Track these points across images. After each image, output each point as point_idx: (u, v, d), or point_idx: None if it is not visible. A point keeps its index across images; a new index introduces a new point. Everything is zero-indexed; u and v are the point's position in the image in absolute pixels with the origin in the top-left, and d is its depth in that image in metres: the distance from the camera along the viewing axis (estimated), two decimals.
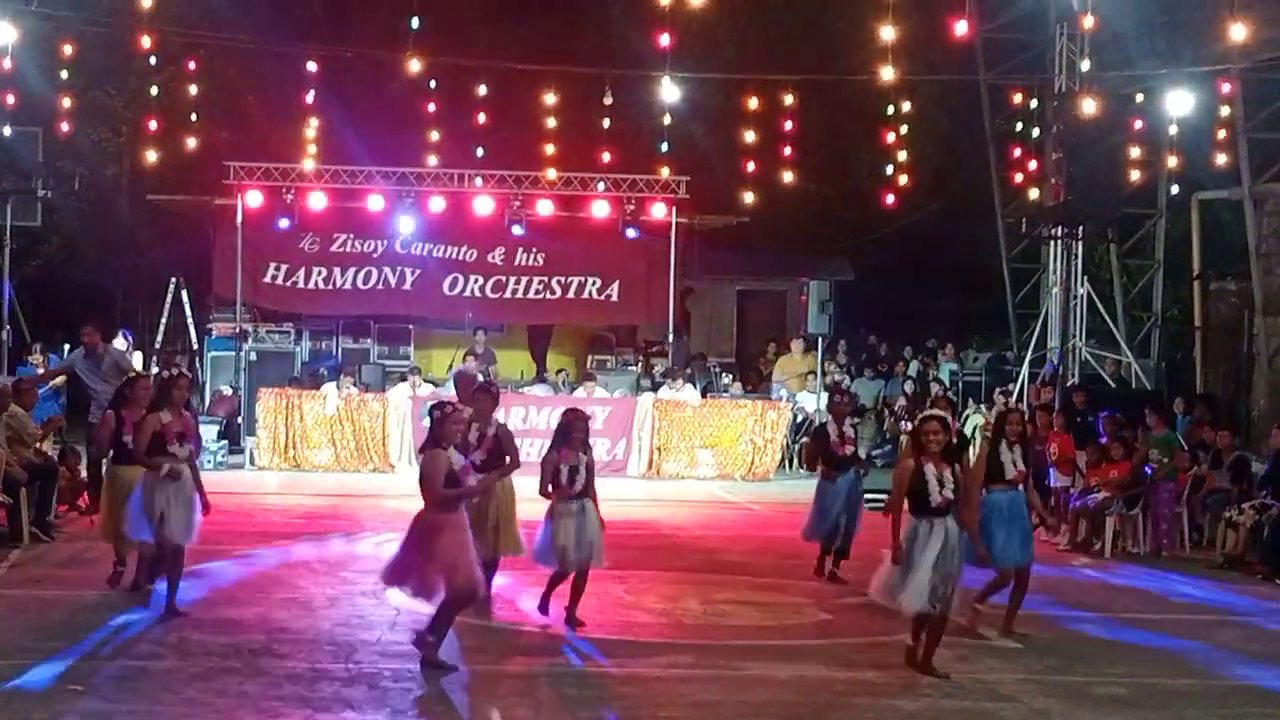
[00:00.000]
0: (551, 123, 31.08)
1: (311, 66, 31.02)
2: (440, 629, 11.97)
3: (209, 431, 25.33)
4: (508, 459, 14.14)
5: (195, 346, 29.82)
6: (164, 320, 29.95)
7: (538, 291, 30.81)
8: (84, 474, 19.93)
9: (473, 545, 12.03)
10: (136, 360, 24.22)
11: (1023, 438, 14.33)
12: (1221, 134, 28.53)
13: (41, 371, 23.45)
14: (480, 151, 32.22)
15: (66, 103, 29.04)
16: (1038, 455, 17.42)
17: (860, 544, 16.52)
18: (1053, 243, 30.19)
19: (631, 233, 29.90)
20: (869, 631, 13.95)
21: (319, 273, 30.07)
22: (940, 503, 12.03)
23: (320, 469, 26.33)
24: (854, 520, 16.77)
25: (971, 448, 25.88)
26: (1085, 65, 29.44)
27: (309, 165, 29.79)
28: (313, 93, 31.14)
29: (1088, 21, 28.37)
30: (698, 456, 27.34)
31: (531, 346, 30.51)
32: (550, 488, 13.61)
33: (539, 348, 30.91)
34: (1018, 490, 14.08)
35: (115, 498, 14.55)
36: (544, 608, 13.90)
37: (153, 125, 30.78)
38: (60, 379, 21.76)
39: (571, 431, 13.76)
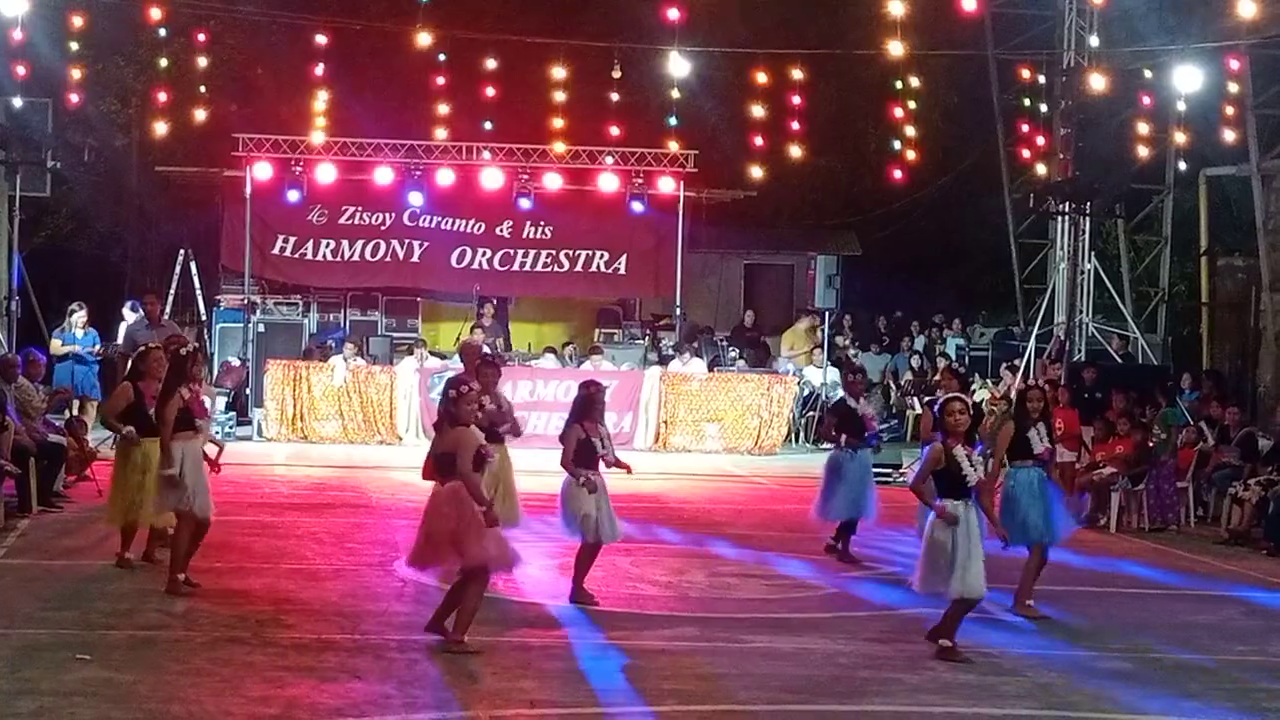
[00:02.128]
0: (560, 96, 30.99)
1: (321, 39, 30.94)
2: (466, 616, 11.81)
3: (218, 403, 25.34)
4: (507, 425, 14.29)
5: (204, 318, 29.81)
6: (172, 292, 29.94)
7: (545, 264, 30.79)
8: (93, 445, 19.92)
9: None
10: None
11: (1045, 414, 14.26)
12: (1230, 110, 28.43)
13: (80, 332, 23.63)
14: (489, 125, 32.17)
15: (76, 74, 28.99)
16: None
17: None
18: (1060, 218, 30.10)
19: (639, 206, 29.85)
20: (874, 605, 13.94)
21: (327, 245, 30.06)
22: (976, 484, 11.91)
23: (327, 441, 26.31)
24: (865, 495, 16.65)
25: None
26: (1094, 40, 29.35)
27: (318, 138, 29.73)
28: (322, 65, 31.07)
29: None
30: (704, 430, 27.31)
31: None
32: (573, 460, 13.51)
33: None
34: (1042, 467, 14.03)
35: (128, 472, 14.42)
36: (575, 594, 13.67)
37: (162, 97, 30.71)
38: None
39: (594, 404, 13.69)
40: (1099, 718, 10.70)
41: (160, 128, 30.43)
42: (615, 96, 30.83)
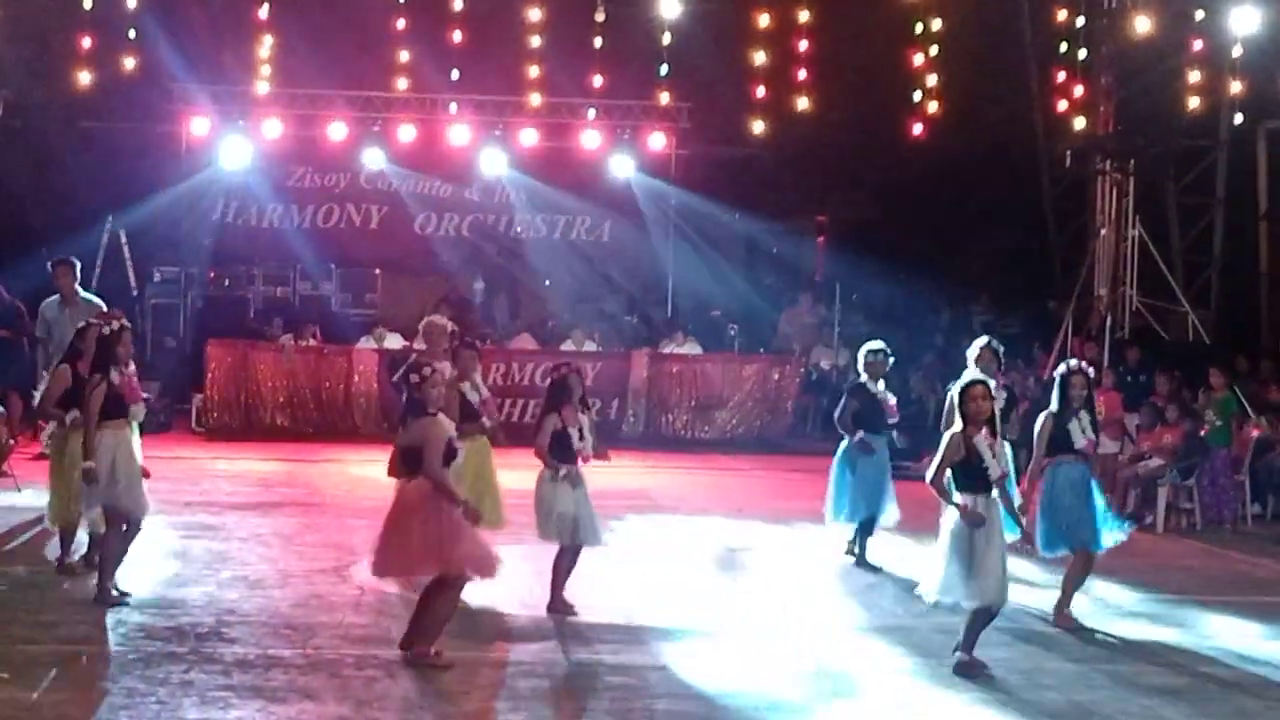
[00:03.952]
0: (536, 42, 30.94)
1: None
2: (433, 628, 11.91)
3: (150, 388, 25.32)
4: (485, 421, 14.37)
5: (135, 292, 29.77)
6: (99, 262, 29.87)
7: (520, 231, 30.79)
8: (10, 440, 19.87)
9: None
10: None
11: (1088, 402, 14.27)
12: None
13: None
14: (456, 74, 32.10)
15: None
16: None
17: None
18: (1101, 178, 30.10)
19: (626, 165, 29.83)
20: (889, 612, 13.97)
21: (274, 209, 30.07)
22: (1000, 476, 11.95)
23: (275, 430, 26.26)
24: (886, 491, 16.70)
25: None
26: None
27: (263, 89, 29.67)
28: (266, 7, 30.99)
29: None
30: (700, 417, 27.32)
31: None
32: (551, 452, 13.53)
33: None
34: (1087, 463, 14.07)
35: (66, 466, 14.36)
36: (552, 603, 13.77)
37: (86, 43, 30.60)
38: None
39: (569, 389, 13.72)
40: None
41: (84, 77, 30.33)
42: (599, 42, 30.77)
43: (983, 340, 15.81)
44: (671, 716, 10.77)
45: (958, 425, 12.08)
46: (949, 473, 12.00)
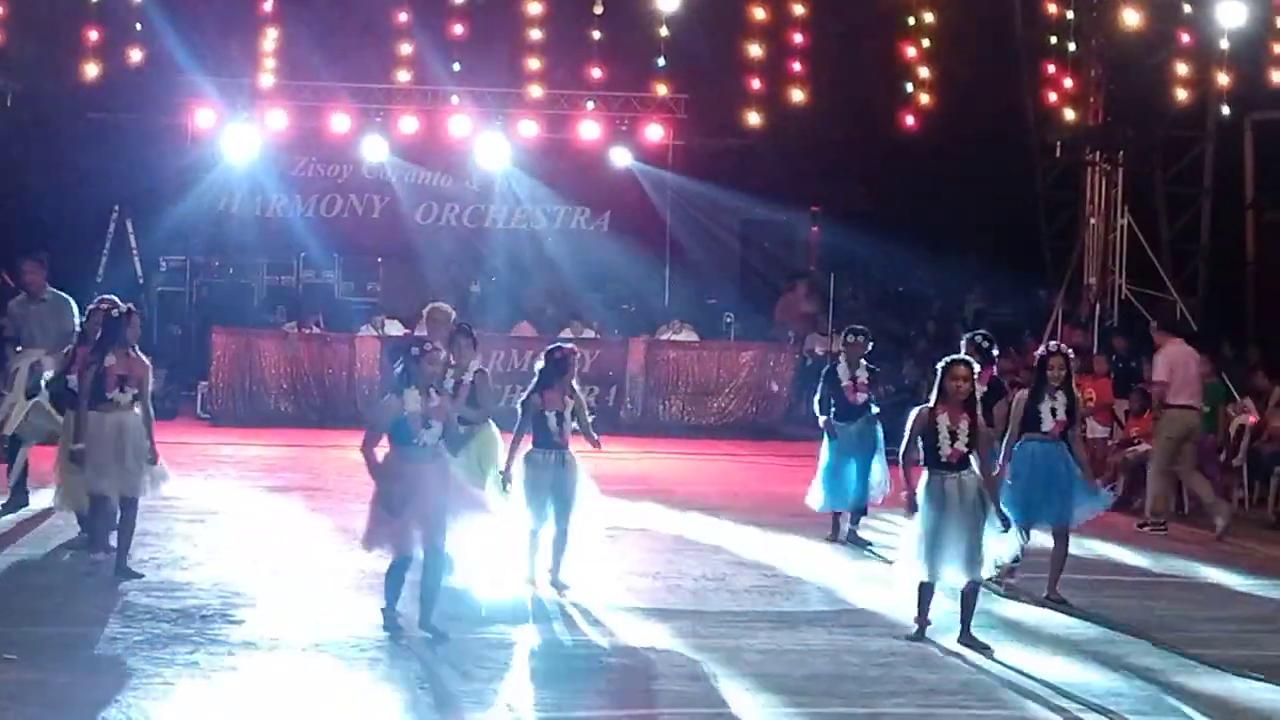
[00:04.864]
0: (536, 35, 30.86)
1: None
2: (392, 592, 12.03)
3: (156, 374, 25.23)
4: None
5: (141, 281, 29.72)
6: (105, 252, 29.82)
7: (520, 221, 30.73)
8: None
9: (436, 498, 11.89)
10: None
11: (1066, 384, 14.23)
12: (1278, 48, 28.34)
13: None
14: (457, 66, 32.02)
15: None
16: None
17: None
18: (1091, 169, 30.02)
19: (624, 156, 29.76)
20: (884, 597, 13.93)
21: (277, 200, 30.00)
22: (950, 456, 12.04)
23: (279, 415, 26.23)
24: (868, 474, 16.75)
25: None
26: None
27: (267, 80, 29.61)
28: (271, 0, 30.92)
29: None
30: (696, 404, 27.28)
31: None
32: (529, 435, 13.64)
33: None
34: (1056, 443, 14.02)
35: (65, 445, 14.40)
36: (531, 576, 13.88)
37: (94, 36, 30.54)
38: None
39: (563, 371, 13.75)
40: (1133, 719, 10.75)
41: (92, 69, 30.25)
42: (597, 35, 30.68)
43: (967, 335, 15.78)
44: (669, 697, 10.73)
45: (932, 401, 12.27)
46: (920, 446, 12.22)
